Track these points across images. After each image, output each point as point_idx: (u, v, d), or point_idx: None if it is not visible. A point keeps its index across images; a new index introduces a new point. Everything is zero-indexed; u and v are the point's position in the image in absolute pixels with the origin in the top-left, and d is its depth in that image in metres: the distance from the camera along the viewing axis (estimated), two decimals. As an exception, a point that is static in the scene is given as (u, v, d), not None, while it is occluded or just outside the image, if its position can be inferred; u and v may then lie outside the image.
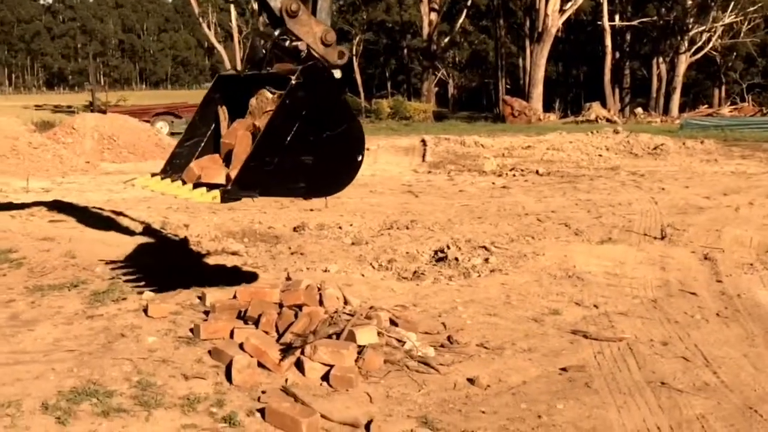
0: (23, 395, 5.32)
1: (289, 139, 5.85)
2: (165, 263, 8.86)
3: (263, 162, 5.83)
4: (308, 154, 5.93)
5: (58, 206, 12.64)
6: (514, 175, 19.16)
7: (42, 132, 26.37)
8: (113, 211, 12.46)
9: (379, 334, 6.34)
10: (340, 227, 11.79)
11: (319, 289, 6.98)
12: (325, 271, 9.27)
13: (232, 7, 63.15)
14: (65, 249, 9.12)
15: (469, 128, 38.45)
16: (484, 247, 9.90)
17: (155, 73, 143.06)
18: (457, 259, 9.41)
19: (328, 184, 6.19)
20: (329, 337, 6.04)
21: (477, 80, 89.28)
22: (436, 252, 10.01)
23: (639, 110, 54.06)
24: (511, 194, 15.62)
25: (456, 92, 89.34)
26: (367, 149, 26.18)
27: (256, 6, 5.89)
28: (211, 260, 9.71)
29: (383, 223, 12.22)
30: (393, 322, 6.73)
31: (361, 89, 75.88)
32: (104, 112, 29.95)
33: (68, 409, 5.13)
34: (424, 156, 24.29)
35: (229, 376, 5.66)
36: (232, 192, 5.79)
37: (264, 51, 6.33)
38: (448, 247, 9.85)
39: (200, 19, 57.74)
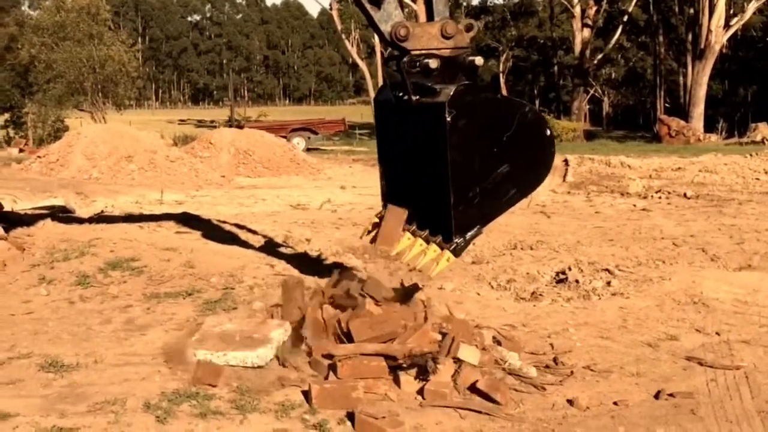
0: (129, 394, 5.79)
1: (475, 165, 6.05)
2: (280, 276, 9.30)
3: (467, 199, 6.09)
4: (501, 163, 6.09)
5: (186, 218, 13.39)
6: (659, 198, 18.83)
7: (182, 146, 27.82)
8: (238, 225, 13.08)
9: (483, 350, 6.54)
10: (461, 246, 11.96)
11: (425, 306, 7.21)
12: (440, 288, 9.50)
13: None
14: (185, 259, 9.71)
15: (620, 148, 37.81)
16: (608, 270, 9.90)
17: (298, 89, 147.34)
18: (577, 281, 9.47)
19: (536, 175, 6.34)
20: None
21: (633, 98, 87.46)
22: (557, 273, 10.08)
23: (811, 131, 51.63)
24: (650, 217, 15.40)
25: (611, 111, 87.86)
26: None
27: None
28: (327, 274, 10.09)
29: (508, 243, 12.34)
30: (497, 341, 6.89)
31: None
32: (241, 127, 31.23)
33: (168, 409, 5.56)
34: (564, 176, 24.14)
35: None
36: (459, 244, 6.20)
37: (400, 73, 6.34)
38: (570, 269, 9.90)
39: (342, 36, 59.24)
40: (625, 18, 64.50)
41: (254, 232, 12.59)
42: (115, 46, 42.91)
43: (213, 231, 12.35)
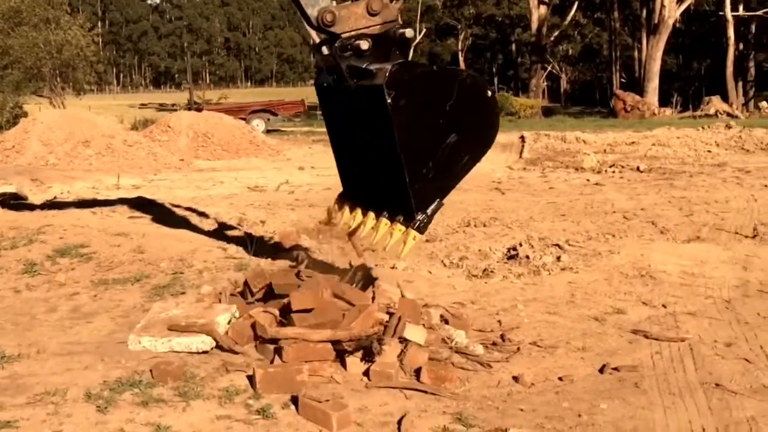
0: (70, 384, 5.64)
1: (424, 140, 6.05)
2: (231, 259, 9.16)
3: (422, 175, 6.12)
4: (449, 134, 6.10)
5: (140, 203, 13.20)
6: (613, 172, 18.87)
7: (141, 130, 27.41)
8: (192, 209, 12.92)
9: (430, 329, 6.47)
10: (415, 224, 11.88)
11: (373, 286, 7.11)
12: (393, 268, 9.40)
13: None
14: (136, 244, 9.54)
15: (576, 124, 37.95)
16: (558, 245, 9.86)
17: (260, 71, 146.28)
18: (528, 257, 9.40)
19: (484, 138, 6.37)
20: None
21: (590, 74, 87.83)
22: (509, 250, 10.01)
23: (764, 104, 52.11)
24: (602, 191, 15.42)
25: (568, 87, 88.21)
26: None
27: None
28: (284, 254, 9.96)
29: (461, 221, 12.27)
30: (445, 320, 6.81)
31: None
32: (200, 110, 30.85)
33: (110, 398, 5.41)
34: (521, 153, 24.16)
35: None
36: (422, 221, 6.25)
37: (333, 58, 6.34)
38: (521, 245, 9.84)
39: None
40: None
41: (208, 216, 12.45)
42: (72, 30, 42.09)
43: (166, 215, 12.20)
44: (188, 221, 11.81)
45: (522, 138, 27.05)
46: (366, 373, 5.86)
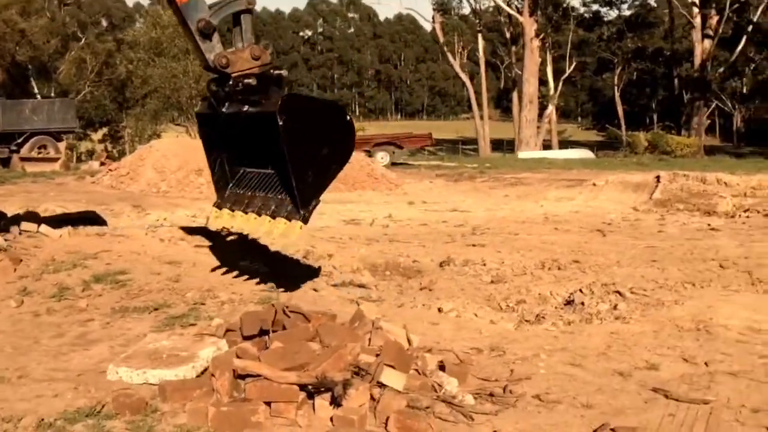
0: (30, 412, 5.69)
1: (306, 153, 7.85)
2: (263, 292, 9.16)
3: (305, 179, 7.93)
4: (323, 148, 7.96)
5: (213, 233, 13.40)
6: (748, 217, 17.96)
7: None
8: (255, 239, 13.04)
9: (422, 375, 6.25)
10: (484, 264, 11.65)
11: (372, 327, 6.93)
12: (440, 310, 9.22)
13: (479, 36, 64.13)
14: (176, 273, 9.69)
15: (735, 165, 36.17)
16: (618, 292, 9.39)
17: (411, 104, 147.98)
18: (583, 303, 9.01)
19: (346, 150, 8.32)
20: (356, 375, 5.99)
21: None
22: (570, 295, 9.62)
23: None
24: (713, 237, 14.62)
25: (742, 126, 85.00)
26: (593, 185, 25.64)
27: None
28: (326, 291, 9.92)
29: (538, 262, 11.91)
30: (441, 367, 6.55)
31: (622, 121, 74.21)
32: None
33: (60, 428, 5.44)
34: (652, 194, 23.32)
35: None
36: (305, 215, 8.00)
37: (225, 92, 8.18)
38: (580, 291, 9.44)
39: (445, 48, 59.12)
40: (750, 27, 62.13)
41: (277, 247, 12.51)
42: (210, 60, 43.94)
43: (233, 245, 12.32)
44: (250, 251, 11.91)
45: (657, 178, 26.09)
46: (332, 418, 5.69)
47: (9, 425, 5.50)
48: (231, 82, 7.93)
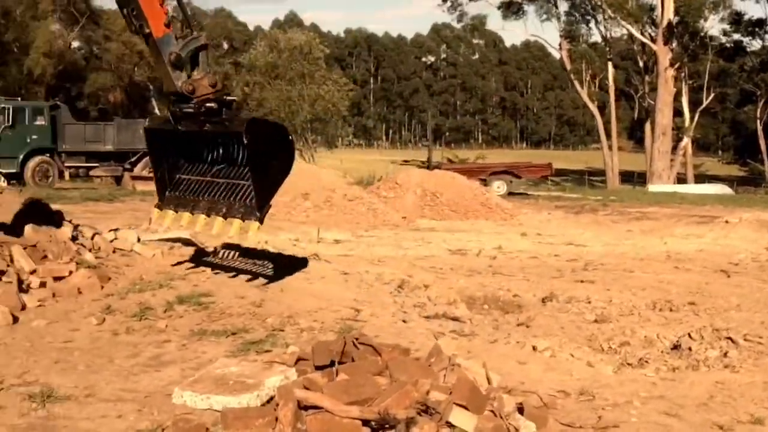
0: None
1: (263, 165, 9.24)
2: (346, 321, 8.98)
3: (262, 186, 9.34)
4: (273, 160, 9.35)
5: (303, 260, 13.29)
6: None
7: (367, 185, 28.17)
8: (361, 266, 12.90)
9: (498, 417, 5.91)
10: (589, 301, 11.18)
11: (449, 364, 6.62)
12: (534, 348, 8.84)
13: (609, 64, 63.07)
14: (260, 298, 9.60)
15: None
16: (731, 339, 8.80)
17: (537, 132, 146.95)
18: (690, 348, 8.48)
19: (288, 162, 9.59)
20: (423, 413, 5.71)
21: None
22: (678, 339, 9.10)
23: None
24: None
25: None
26: (725, 222, 24.61)
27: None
28: (416, 323, 9.65)
29: (650, 302, 11.37)
30: (520, 409, 6.19)
31: (765, 155, 71.57)
32: (435, 168, 31.30)
33: (118, 450, 5.37)
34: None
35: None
36: (261, 217, 9.44)
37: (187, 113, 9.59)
38: (689, 335, 8.90)
39: (572, 76, 58.40)
40: None
41: (372, 274, 12.34)
42: (327, 85, 44.51)
43: (327, 271, 12.21)
44: (345, 279, 11.78)
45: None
46: (398, 458, 5.42)
47: (66, 446, 5.45)
48: (194, 105, 9.37)
